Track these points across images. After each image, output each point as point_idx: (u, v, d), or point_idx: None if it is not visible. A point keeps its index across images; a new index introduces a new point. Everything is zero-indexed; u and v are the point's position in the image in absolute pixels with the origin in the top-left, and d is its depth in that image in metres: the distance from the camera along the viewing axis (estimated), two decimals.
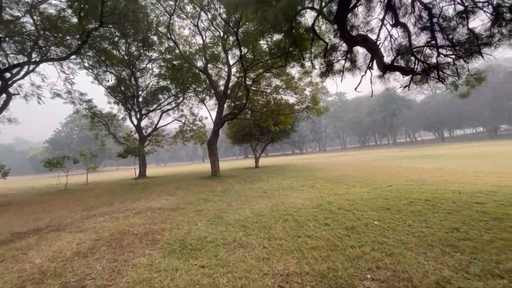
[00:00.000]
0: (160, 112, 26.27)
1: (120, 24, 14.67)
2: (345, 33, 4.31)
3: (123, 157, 16.69)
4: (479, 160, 14.46)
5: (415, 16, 6.16)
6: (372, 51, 4.46)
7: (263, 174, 17.13)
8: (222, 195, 9.46)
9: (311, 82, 18.56)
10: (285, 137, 28.12)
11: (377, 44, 4.44)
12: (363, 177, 11.43)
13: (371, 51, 4.51)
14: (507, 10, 4.87)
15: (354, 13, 5.89)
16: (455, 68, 6.53)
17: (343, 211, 5.88)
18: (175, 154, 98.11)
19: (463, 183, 7.82)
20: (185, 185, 13.91)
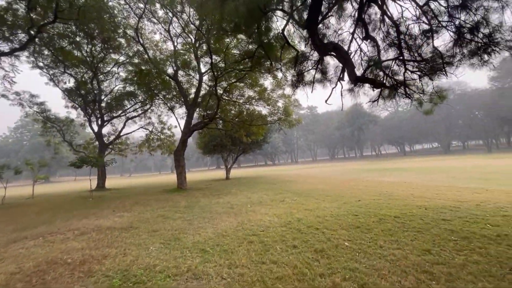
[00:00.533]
0: (124, 118, 24.49)
1: (78, 21, 13.44)
2: (316, 40, 4.05)
3: (77, 167, 14.95)
4: (437, 174, 15.26)
5: (384, 32, 6.20)
6: (343, 60, 4.24)
7: (233, 186, 16.44)
8: (184, 212, 8.62)
9: (283, 94, 18.59)
10: (257, 148, 27.83)
11: (348, 54, 4.24)
12: (333, 190, 11.32)
13: (343, 61, 4.30)
14: (468, 31, 4.99)
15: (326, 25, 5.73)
16: (420, 85, 6.66)
17: (312, 230, 5.47)
18: (142, 165, 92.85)
19: (427, 198, 7.92)
20: (145, 199, 12.71)
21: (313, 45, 4.22)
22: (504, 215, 5.53)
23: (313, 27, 3.90)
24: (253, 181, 20.07)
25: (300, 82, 5.69)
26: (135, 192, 17.41)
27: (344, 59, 4.17)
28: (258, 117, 17.96)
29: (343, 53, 4.17)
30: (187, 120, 16.53)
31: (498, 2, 4.52)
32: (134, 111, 25.08)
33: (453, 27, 4.94)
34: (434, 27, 5.20)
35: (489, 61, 5.09)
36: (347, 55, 4.14)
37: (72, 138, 22.69)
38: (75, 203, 13.38)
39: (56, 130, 22.08)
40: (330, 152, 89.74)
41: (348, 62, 4.07)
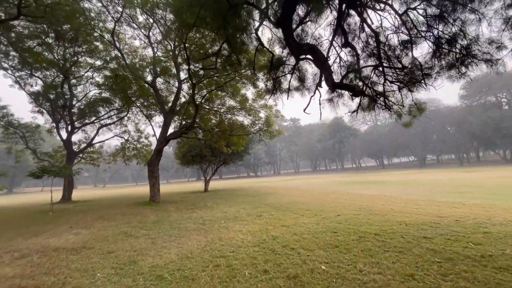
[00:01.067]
0: (97, 126, 23.10)
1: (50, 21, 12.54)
2: (290, 40, 3.70)
3: (36, 177, 13.57)
4: (415, 188, 15.41)
5: (363, 41, 6.03)
6: (320, 64, 3.91)
7: (210, 199, 15.65)
8: (150, 228, 7.80)
9: (265, 105, 18.34)
10: (238, 159, 27.21)
11: (326, 58, 3.93)
12: (312, 204, 10.92)
13: (320, 64, 3.97)
14: (446, 42, 4.89)
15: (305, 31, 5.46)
16: (400, 97, 6.52)
17: (287, 250, 4.95)
18: (119, 175, 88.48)
19: (407, 213, 7.70)
20: (112, 213, 11.63)
21: (287, 46, 3.88)
22: (484, 232, 5.33)
23: (287, 25, 3.55)
24: (232, 193, 19.34)
25: (277, 89, 5.32)
26: (103, 205, 16.09)
27: (321, 63, 3.85)
28: (238, 127, 17.48)
29: (320, 56, 3.84)
30: (163, 128, 15.74)
31: (474, 15, 4.44)
32: (109, 118, 23.77)
33: (432, 38, 4.82)
34: (413, 37, 5.07)
35: (466, 73, 5.00)
36: (324, 59, 3.82)
37: (36, 145, 20.92)
38: (31, 217, 11.99)
39: (19, 137, 20.28)
40: (312, 164, 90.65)
41: (325, 67, 3.74)
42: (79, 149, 23.08)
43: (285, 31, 3.67)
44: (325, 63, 3.74)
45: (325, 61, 3.75)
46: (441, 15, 4.48)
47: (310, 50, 3.78)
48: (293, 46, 3.78)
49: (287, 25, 3.61)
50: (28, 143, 20.03)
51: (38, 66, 19.42)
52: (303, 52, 3.88)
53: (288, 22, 3.56)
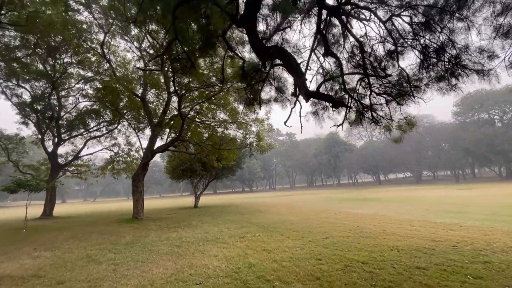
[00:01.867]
0: (84, 138, 22.46)
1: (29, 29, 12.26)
2: (254, 41, 3.30)
3: (11, 191, 12.79)
4: (410, 206, 14.84)
5: (348, 52, 5.70)
6: (291, 69, 3.50)
7: (197, 216, 14.87)
8: (120, 251, 7.08)
9: (257, 119, 17.98)
10: (230, 174, 26.52)
11: (298, 63, 3.52)
12: (302, 223, 10.27)
13: (290, 69, 3.56)
14: (434, 52, 4.54)
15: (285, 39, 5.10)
16: (388, 110, 6.13)
17: (261, 282, 4.31)
18: (110, 188, 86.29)
19: (400, 236, 7.10)
20: (87, 231, 10.83)
21: (252, 49, 3.49)
22: (485, 262, 4.75)
23: (250, 24, 3.16)
24: (221, 210, 18.53)
25: (254, 100, 4.90)
26: (83, 222, 15.20)
27: (292, 68, 3.43)
28: (228, 141, 16.97)
29: (291, 61, 3.43)
30: (149, 141, 15.21)
31: (463, 22, 4.12)
32: (97, 130, 23.18)
33: (419, 47, 4.47)
34: (399, 46, 4.72)
35: (457, 85, 4.62)
36: (295, 62, 3.41)
37: (19, 157, 20.13)
38: (0, 235, 11.12)
39: (1, 149, 19.54)
40: (308, 179, 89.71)
41: (297, 73, 3.33)
42: (65, 162, 22.29)
43: (248, 31, 3.28)
44: (297, 69, 3.33)
45: (297, 67, 3.34)
46: (428, 23, 4.15)
47: (278, 54, 3.38)
48: (258, 49, 3.38)
49: (249, 23, 3.22)
50: (10, 155, 19.24)
51: (26, 76, 19.08)
52: (270, 56, 3.47)
53: (251, 20, 3.17)
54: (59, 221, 16.55)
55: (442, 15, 4.18)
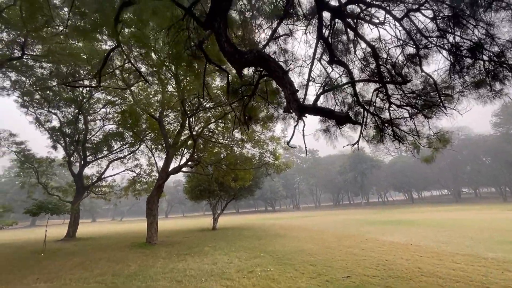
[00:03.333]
0: (107, 160, 23.23)
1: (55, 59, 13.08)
2: (225, 45, 2.73)
3: (33, 214, 13.12)
4: (451, 232, 12.89)
5: (360, 60, 4.97)
6: (277, 79, 2.85)
7: (212, 241, 14.14)
8: (117, 285, 6.52)
9: (273, 137, 17.35)
10: (249, 194, 25.68)
11: (283, 69, 2.87)
12: (321, 254, 9.10)
13: (276, 79, 2.90)
14: (468, 51, 3.67)
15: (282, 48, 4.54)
16: (413, 125, 5.18)
17: None
18: (137, 207, 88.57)
19: (441, 278, 5.79)
20: (97, 258, 10.55)
21: (222, 54, 2.93)
22: None
23: (215, 22, 2.61)
24: (238, 233, 17.62)
25: (251, 119, 4.30)
26: (99, 245, 15.12)
27: (278, 77, 2.79)
28: (242, 160, 16.38)
29: (275, 68, 2.78)
30: (165, 163, 15.09)
31: (505, 11, 3.25)
32: (120, 152, 23.94)
33: (447, 46, 3.63)
34: (422, 48, 3.91)
35: (503, 91, 3.65)
36: (281, 70, 2.76)
37: (48, 179, 21.14)
38: (16, 260, 11.21)
39: (33, 171, 20.70)
40: (334, 197, 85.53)
41: (284, 83, 2.68)
42: (89, 183, 23.05)
43: (216, 34, 2.74)
44: (284, 79, 2.69)
45: (284, 75, 2.70)
46: (457, 17, 3.34)
47: (257, 60, 2.76)
48: (230, 55, 2.80)
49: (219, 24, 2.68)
50: (39, 178, 20.26)
51: (57, 104, 20.46)
52: (246, 63, 2.87)
53: (219, 21, 2.64)
54: (78, 243, 16.66)
55: (475, 6, 3.35)
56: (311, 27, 4.92)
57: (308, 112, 2.67)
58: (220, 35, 2.64)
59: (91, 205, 67.86)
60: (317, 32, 3.66)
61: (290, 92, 2.61)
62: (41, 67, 17.59)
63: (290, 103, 2.60)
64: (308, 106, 2.74)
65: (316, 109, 2.69)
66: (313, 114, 2.75)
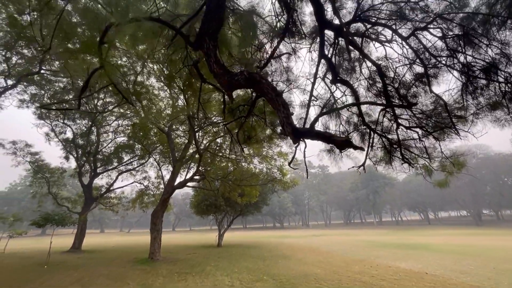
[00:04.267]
0: (117, 172, 23.51)
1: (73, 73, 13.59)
2: (213, 65, 2.60)
3: (39, 226, 13.21)
4: (471, 260, 11.94)
5: (367, 79, 4.79)
6: (271, 102, 2.65)
7: (215, 259, 13.73)
8: None
9: (280, 153, 17.08)
10: (256, 210, 25.13)
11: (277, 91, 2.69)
12: (327, 279, 8.55)
13: (270, 102, 2.71)
14: (482, 71, 3.42)
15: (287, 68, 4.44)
16: (423, 147, 4.87)
17: None
18: (145, 219, 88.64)
19: None
20: (96, 274, 10.35)
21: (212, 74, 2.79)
22: None
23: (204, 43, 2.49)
24: (243, 252, 17.07)
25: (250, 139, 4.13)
26: (102, 259, 14.96)
27: (270, 99, 2.62)
28: (248, 176, 16.08)
29: (267, 89, 2.60)
30: (171, 177, 15.06)
31: None
32: (129, 164, 24.23)
33: (458, 66, 3.41)
34: (431, 68, 3.70)
35: None
36: (275, 93, 2.58)
37: (58, 190, 21.53)
38: (18, 271, 11.17)
39: (45, 181, 21.16)
40: (345, 215, 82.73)
41: (278, 105, 2.51)
42: (98, 195, 23.28)
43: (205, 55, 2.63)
44: (277, 100, 2.52)
45: (277, 97, 2.53)
46: (467, 36, 3.13)
47: (248, 82, 2.61)
48: (219, 76, 2.67)
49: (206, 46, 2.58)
50: (50, 188, 20.66)
51: (72, 116, 21.18)
52: (236, 85, 2.72)
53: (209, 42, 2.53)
54: (82, 256, 16.56)
55: (488, 24, 3.14)
56: (315, 45, 4.82)
57: (304, 136, 2.47)
58: (209, 56, 2.54)
59: (100, 216, 68.51)
60: (319, 50, 3.53)
61: (284, 115, 2.43)
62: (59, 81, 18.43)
63: (284, 126, 2.42)
64: (304, 130, 2.54)
65: (313, 133, 2.48)
66: (309, 138, 2.54)
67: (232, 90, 2.72)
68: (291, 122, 2.44)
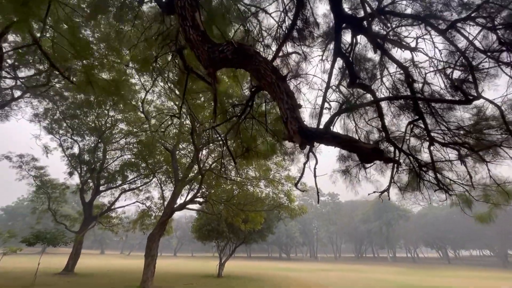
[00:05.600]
0: (120, 190, 22.94)
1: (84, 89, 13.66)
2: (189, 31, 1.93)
3: (29, 244, 12.46)
4: None
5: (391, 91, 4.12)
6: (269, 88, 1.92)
7: None
8: None
9: (288, 176, 16.17)
10: (261, 238, 23.57)
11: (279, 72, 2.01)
12: None
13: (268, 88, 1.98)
14: None
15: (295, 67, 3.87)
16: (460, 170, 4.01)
17: None
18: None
19: None
20: None
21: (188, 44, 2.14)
22: None
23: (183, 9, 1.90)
24: (244, 285, 15.58)
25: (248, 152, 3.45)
26: (93, 285, 13.85)
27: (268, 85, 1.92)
28: (253, 200, 15.05)
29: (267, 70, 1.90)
30: (171, 198, 14.29)
31: None
32: (133, 183, 23.68)
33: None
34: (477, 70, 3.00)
35: None
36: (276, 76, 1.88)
37: (58, 206, 20.99)
38: None
39: (46, 197, 20.76)
40: (356, 248, 77.71)
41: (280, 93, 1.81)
42: (98, 213, 22.55)
43: (179, 16, 2.04)
44: (279, 86, 1.85)
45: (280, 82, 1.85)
46: None
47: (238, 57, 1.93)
48: (197, 47, 2.03)
49: (180, 4, 2.00)
50: (50, 204, 20.16)
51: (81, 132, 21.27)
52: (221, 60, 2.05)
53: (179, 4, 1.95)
54: (73, 280, 15.45)
55: None
56: (328, 52, 4.26)
57: (316, 139, 1.76)
58: (184, 18, 1.94)
59: (101, 236, 67.00)
60: (334, 47, 2.93)
61: (288, 106, 1.74)
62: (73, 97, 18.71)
63: (288, 123, 1.73)
64: (316, 130, 1.83)
65: (329, 136, 1.76)
66: (324, 142, 1.81)
67: (215, 68, 2.08)
68: (297, 117, 1.74)
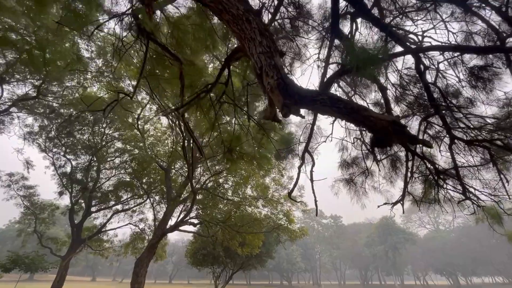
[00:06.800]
0: (112, 211, 21.88)
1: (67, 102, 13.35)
2: None
3: (6, 270, 11.40)
4: None
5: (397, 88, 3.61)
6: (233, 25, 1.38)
7: None
8: None
9: (287, 196, 15.32)
10: (259, 264, 22.09)
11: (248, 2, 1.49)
12: None
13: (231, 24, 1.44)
14: None
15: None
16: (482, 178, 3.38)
17: None
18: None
19: None
20: None
21: None
22: None
23: None
24: None
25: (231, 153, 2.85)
26: None
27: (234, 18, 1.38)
28: (250, 221, 14.07)
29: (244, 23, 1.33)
30: (162, 219, 13.39)
31: None
32: (126, 203, 22.66)
33: None
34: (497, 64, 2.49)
35: None
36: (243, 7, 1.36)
37: (45, 228, 19.87)
38: None
39: (34, 218, 19.73)
40: (361, 275, 73.66)
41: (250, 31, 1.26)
42: (87, 236, 21.30)
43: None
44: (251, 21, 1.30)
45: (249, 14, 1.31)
46: None
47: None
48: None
49: None
50: (37, 226, 19.08)
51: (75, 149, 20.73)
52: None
53: None
54: None
55: None
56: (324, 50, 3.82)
57: (305, 101, 1.12)
58: None
59: (94, 261, 64.00)
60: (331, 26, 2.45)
61: (262, 49, 1.15)
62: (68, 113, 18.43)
63: (264, 74, 1.11)
64: (306, 89, 1.21)
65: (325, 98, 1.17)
66: (317, 109, 1.18)
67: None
68: (276, 65, 1.13)
